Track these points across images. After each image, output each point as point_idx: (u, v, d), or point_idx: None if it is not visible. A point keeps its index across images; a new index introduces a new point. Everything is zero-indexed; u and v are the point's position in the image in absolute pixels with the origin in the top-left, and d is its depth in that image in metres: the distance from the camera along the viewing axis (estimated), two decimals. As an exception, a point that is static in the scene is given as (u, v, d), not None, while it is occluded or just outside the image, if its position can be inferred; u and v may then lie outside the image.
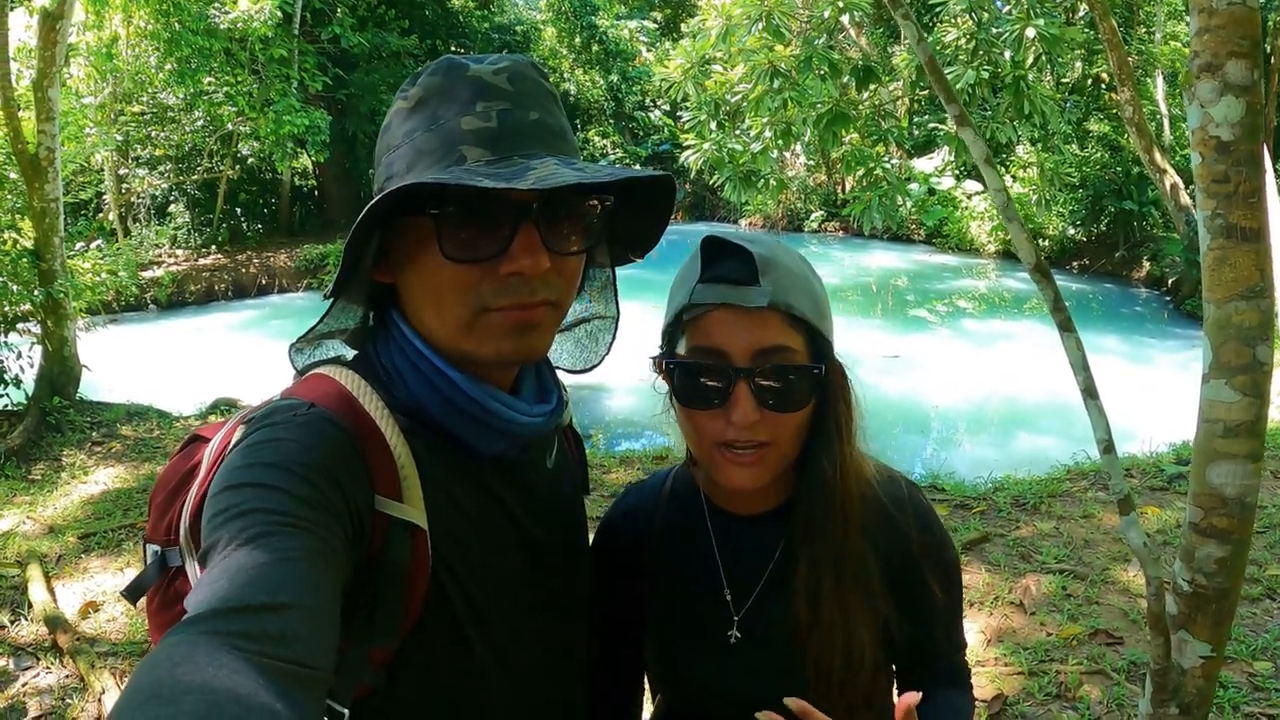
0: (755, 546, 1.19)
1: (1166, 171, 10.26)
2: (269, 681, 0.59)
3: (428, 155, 0.91)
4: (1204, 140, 1.57)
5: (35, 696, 3.55)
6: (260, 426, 0.86)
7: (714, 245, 1.08)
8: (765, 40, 8.67)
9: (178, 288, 14.99)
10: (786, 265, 1.07)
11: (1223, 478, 1.60)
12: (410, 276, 0.95)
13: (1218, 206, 1.56)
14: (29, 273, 7.11)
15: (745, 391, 1.03)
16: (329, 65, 17.11)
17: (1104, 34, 9.21)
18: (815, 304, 1.08)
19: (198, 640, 0.60)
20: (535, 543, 1.04)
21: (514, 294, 0.91)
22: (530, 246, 0.89)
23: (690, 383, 1.07)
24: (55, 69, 7.09)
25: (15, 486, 5.90)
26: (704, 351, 1.05)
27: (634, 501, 1.30)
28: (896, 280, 17.34)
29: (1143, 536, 1.89)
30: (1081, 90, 16.29)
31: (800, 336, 1.06)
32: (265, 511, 0.74)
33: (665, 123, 23.89)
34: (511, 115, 0.92)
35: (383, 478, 0.88)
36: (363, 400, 0.92)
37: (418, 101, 0.94)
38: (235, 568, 0.68)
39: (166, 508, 0.99)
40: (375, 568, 0.86)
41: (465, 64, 0.95)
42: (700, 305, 1.06)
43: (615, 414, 9.41)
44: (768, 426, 1.05)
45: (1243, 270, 1.53)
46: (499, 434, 0.98)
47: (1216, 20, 1.54)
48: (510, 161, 0.89)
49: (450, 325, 0.93)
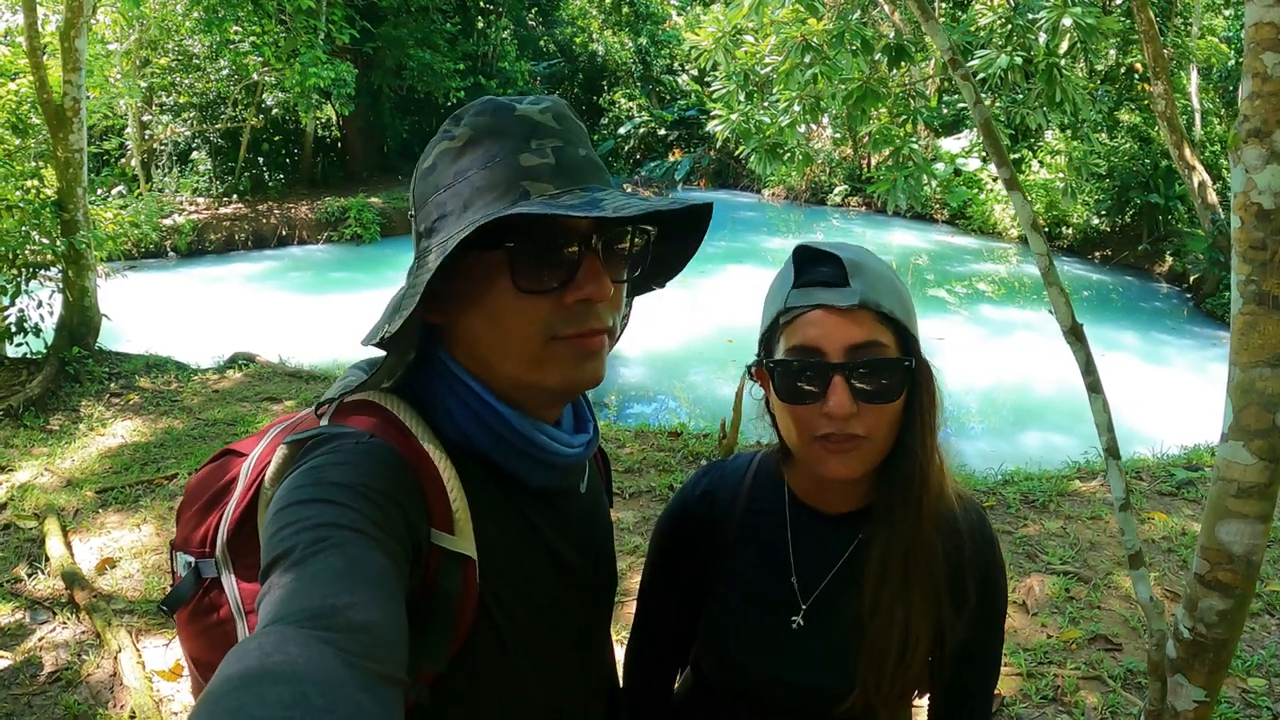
0: (830, 542, 1.25)
1: (1195, 168, 10.13)
2: (355, 675, 0.61)
3: (488, 192, 0.92)
4: (1245, 205, 1.58)
5: (51, 651, 3.63)
6: (323, 451, 0.87)
7: (806, 253, 1.16)
8: (799, 13, 8.57)
9: (198, 236, 15.01)
10: (874, 268, 1.14)
11: (1232, 535, 1.63)
12: (470, 312, 0.96)
13: (1253, 272, 1.57)
14: (51, 222, 7.14)
15: (841, 385, 1.09)
16: (356, 18, 16.96)
17: (1141, 25, 9.05)
18: (902, 303, 1.15)
19: (287, 633, 0.63)
20: (570, 568, 1.07)
21: (581, 321, 0.94)
22: (595, 274, 0.93)
23: (789, 380, 1.13)
24: (83, 19, 7.07)
25: (34, 437, 5.99)
26: (801, 350, 1.12)
27: (715, 483, 1.35)
28: (917, 259, 17.21)
29: (1150, 590, 1.92)
30: (1114, 79, 16.02)
31: (890, 333, 1.13)
32: (338, 525, 0.76)
33: (693, 88, 23.64)
34: (565, 152, 0.95)
35: (437, 510, 0.91)
36: (416, 433, 0.94)
37: (467, 141, 0.95)
38: (314, 574, 0.70)
39: (200, 519, 1.01)
40: (427, 595, 0.89)
41: (511, 104, 0.96)
42: (796, 308, 1.14)
43: (627, 382, 9.45)
44: (863, 419, 1.11)
45: (1271, 338, 1.54)
46: (545, 466, 1.01)
47: (1269, 86, 1.53)
48: (572, 194, 0.91)
49: (517, 358, 0.95)
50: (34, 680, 3.47)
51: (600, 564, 1.15)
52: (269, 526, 0.79)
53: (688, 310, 11.53)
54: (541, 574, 1.03)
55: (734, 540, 1.30)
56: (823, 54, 8.60)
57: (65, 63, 7.08)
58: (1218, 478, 1.65)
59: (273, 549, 0.75)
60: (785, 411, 1.16)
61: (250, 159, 18.00)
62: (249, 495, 0.95)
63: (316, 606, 0.66)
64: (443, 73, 18.33)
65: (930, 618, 1.18)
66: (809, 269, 1.15)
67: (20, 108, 7.29)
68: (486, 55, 21.02)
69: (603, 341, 0.98)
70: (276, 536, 0.76)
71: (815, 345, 1.11)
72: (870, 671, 1.17)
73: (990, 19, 8.49)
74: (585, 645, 1.13)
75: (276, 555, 0.74)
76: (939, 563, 1.19)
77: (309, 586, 0.68)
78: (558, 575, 1.06)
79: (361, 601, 0.68)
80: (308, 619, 0.65)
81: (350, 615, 0.66)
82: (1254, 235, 1.56)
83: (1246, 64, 1.56)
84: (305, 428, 0.95)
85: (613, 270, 0.97)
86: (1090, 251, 15.96)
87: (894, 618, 1.16)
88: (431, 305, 0.96)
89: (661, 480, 5.33)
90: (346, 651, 0.63)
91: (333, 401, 0.99)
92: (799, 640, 1.24)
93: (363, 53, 17.96)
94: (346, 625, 0.65)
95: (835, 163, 21.52)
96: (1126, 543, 1.98)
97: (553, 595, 1.05)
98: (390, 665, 0.66)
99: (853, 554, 1.23)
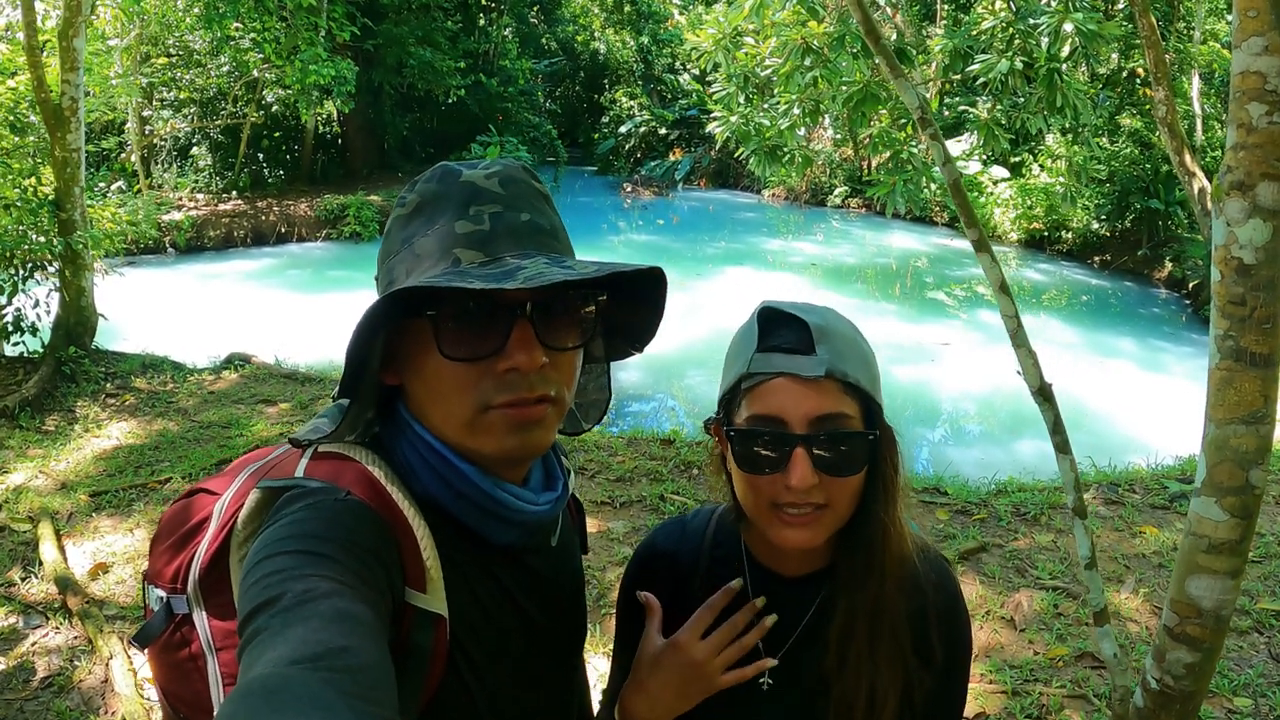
0: (792, 603, 1.23)
1: (1195, 174, 10.08)
2: (358, 716, 0.62)
3: (425, 259, 0.95)
4: (1225, 259, 1.56)
5: (43, 657, 3.64)
6: (302, 504, 0.88)
7: (771, 314, 1.14)
8: (799, 15, 8.56)
9: (196, 232, 14.99)
10: (841, 332, 1.13)
11: (1201, 590, 1.62)
12: (413, 376, 0.99)
13: (1230, 328, 1.56)
14: (49, 221, 7.15)
15: (803, 457, 1.08)
16: (357, 15, 16.94)
17: (1143, 30, 9.01)
18: (868, 370, 1.13)
19: (290, 673, 0.64)
20: (537, 627, 1.08)
21: (513, 389, 0.94)
22: (525, 343, 0.93)
23: (749, 449, 1.11)
24: (80, 18, 7.06)
25: (29, 438, 5.99)
26: (763, 419, 1.10)
27: (674, 545, 1.34)
28: (916, 261, 17.22)
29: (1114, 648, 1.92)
30: (1116, 84, 16.00)
31: (855, 403, 1.11)
32: (325, 576, 0.77)
33: (694, 87, 23.61)
34: (503, 218, 0.96)
35: (411, 568, 0.91)
36: (391, 491, 0.95)
37: (415, 208, 0.98)
38: (307, 618, 0.71)
39: (172, 556, 1.01)
40: (400, 651, 0.90)
41: (459, 170, 0.99)
42: (758, 375, 1.11)
43: (624, 386, 9.44)
44: (824, 490, 1.09)
45: (1246, 395, 1.53)
46: (509, 524, 1.01)
47: (1254, 138, 1.51)
48: (502, 263, 0.92)
49: (454, 423, 0.96)
50: (26, 685, 3.48)
51: (568, 618, 1.16)
52: (251, 573, 0.79)
53: (687, 313, 11.53)
54: (509, 631, 1.04)
55: (697, 597, 1.28)
56: (823, 56, 8.58)
57: (63, 62, 7.08)
58: (1189, 533, 1.65)
59: (258, 595, 0.75)
60: (743, 479, 1.14)
61: (250, 155, 17.99)
62: (222, 536, 0.95)
63: (313, 650, 0.67)
64: (444, 70, 18.31)
65: (897, 675, 1.17)
66: (774, 333, 1.13)
67: (18, 106, 7.29)
68: (488, 53, 21.00)
69: (543, 411, 0.97)
70: (261, 583, 0.77)
71: (778, 415, 1.09)
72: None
73: (991, 23, 8.48)
74: (556, 700, 1.15)
75: (263, 601, 0.74)
76: (903, 624, 1.18)
77: (305, 631, 0.69)
78: (525, 631, 1.07)
79: (355, 647, 0.69)
80: (307, 661, 0.66)
81: (347, 659, 0.67)
82: (1233, 290, 1.54)
83: (1232, 113, 1.55)
84: (280, 474, 0.97)
85: (556, 337, 0.97)
86: (1089, 256, 15.96)
87: (860, 678, 1.16)
88: (388, 366, 0.99)
89: (653, 489, 5.32)
90: (348, 693, 0.64)
91: (304, 446, 1.00)
92: (767, 701, 1.23)
93: (363, 50, 17.95)
94: (345, 668, 0.66)
95: (835, 164, 21.51)
96: (1092, 600, 1.98)
97: (520, 651, 1.06)
98: (387, 707, 0.67)
99: (816, 613, 1.22)
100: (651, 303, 1.09)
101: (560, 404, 1.00)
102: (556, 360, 0.97)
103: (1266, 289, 1.53)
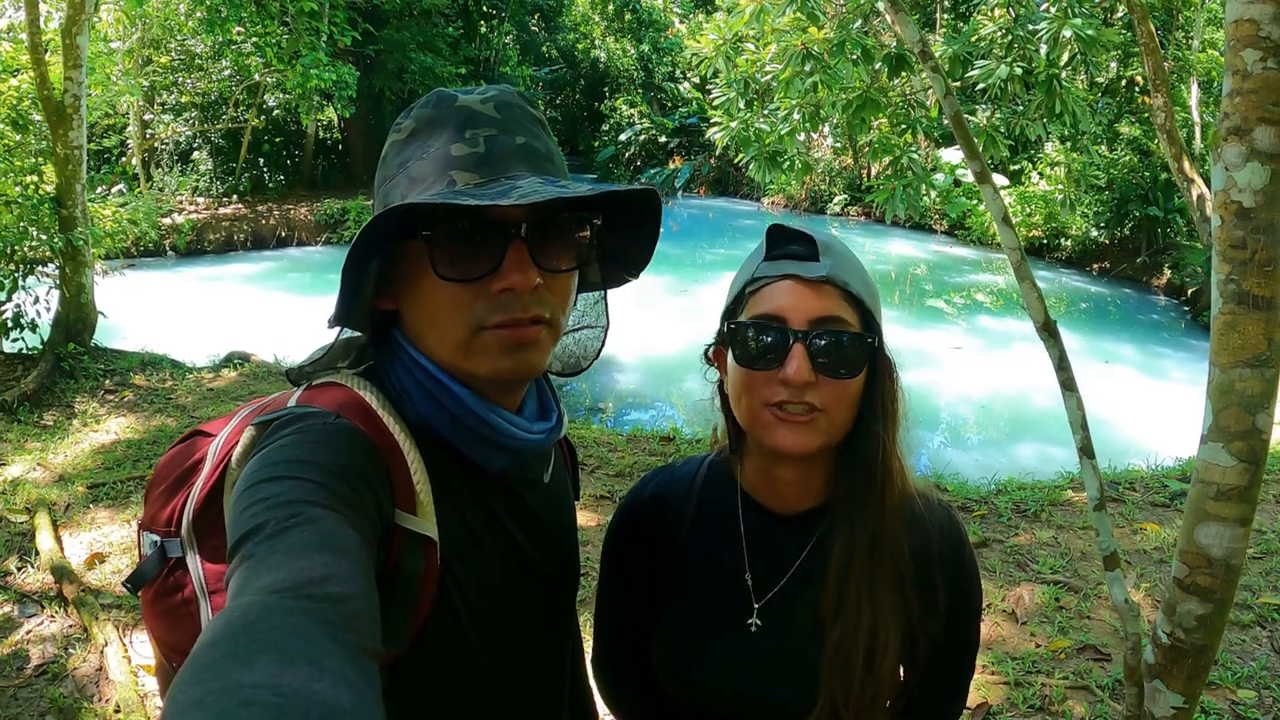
0: (785, 543, 1.21)
1: (1194, 181, 10.12)
2: (338, 647, 0.61)
3: (421, 182, 0.95)
4: (1225, 204, 1.56)
5: (38, 645, 3.63)
6: (291, 429, 0.88)
7: (779, 231, 1.17)
8: (800, 21, 8.58)
9: (197, 236, 15.03)
10: (844, 252, 1.16)
11: (1211, 539, 1.61)
12: (409, 300, 0.98)
13: (1232, 271, 1.56)
14: (49, 218, 7.15)
15: (801, 352, 1.08)
16: (359, 20, 17.00)
17: (1141, 38, 9.06)
18: (868, 288, 1.15)
19: (270, 603, 0.62)
20: (529, 559, 1.07)
21: (507, 310, 0.94)
22: (520, 263, 0.93)
23: (749, 345, 1.12)
24: (84, 16, 7.08)
25: (27, 432, 5.98)
26: (765, 317, 1.11)
27: (664, 487, 1.31)
28: (916, 269, 17.24)
29: (1125, 593, 1.91)
30: (1115, 92, 16.06)
31: (854, 312, 1.12)
32: (310, 502, 0.76)
33: (694, 95, 23.69)
34: (498, 140, 0.95)
35: (401, 491, 0.91)
36: (382, 415, 0.94)
37: (410, 133, 0.98)
38: (289, 547, 0.70)
39: (167, 499, 1.00)
40: (389, 576, 0.89)
41: (454, 95, 0.99)
42: (763, 278, 1.14)
43: (624, 388, 9.44)
44: (820, 391, 1.09)
45: (1251, 338, 1.53)
46: (502, 450, 1.01)
47: (1250, 84, 1.52)
48: (497, 183, 0.92)
49: (449, 345, 0.96)
50: (20, 673, 3.46)
51: (560, 556, 1.14)
52: (237, 503, 0.78)
53: (686, 315, 11.54)
54: (500, 560, 1.03)
55: (686, 544, 1.26)
56: (823, 63, 8.61)
57: (66, 59, 7.10)
58: (1197, 480, 1.64)
59: (243, 524, 0.74)
60: (740, 378, 1.13)
61: (251, 159, 18.04)
62: (215, 475, 0.94)
63: (295, 579, 0.66)
64: (444, 76, 18.37)
65: (899, 619, 1.14)
66: (781, 245, 1.16)
67: (21, 103, 7.30)
68: (488, 60, 21.07)
69: (537, 333, 0.97)
70: (247, 512, 0.76)
71: (779, 314, 1.10)
72: (836, 678, 1.12)
73: (991, 30, 8.51)
74: (548, 643, 1.13)
75: (247, 530, 0.73)
76: (905, 559, 1.15)
77: (286, 559, 0.68)
78: (517, 563, 1.06)
79: (338, 575, 0.68)
80: (288, 590, 0.64)
81: (328, 588, 0.66)
82: (1234, 234, 1.55)
83: (1227, 61, 1.55)
84: (274, 409, 0.96)
85: (551, 259, 0.97)
86: (1089, 263, 15.98)
87: (860, 618, 1.12)
88: (382, 290, 0.99)
89: (654, 484, 5.31)
90: (328, 623, 0.62)
91: (302, 374, 1.01)
92: (757, 646, 1.19)
93: (365, 55, 17.99)
94: (325, 597, 0.65)
95: (835, 172, 21.56)
96: (1101, 544, 1.96)
97: (511, 583, 1.05)
98: (369, 638, 0.66)
99: (810, 553, 1.19)
100: (646, 228, 1.09)
101: (554, 326, 0.99)
102: (551, 282, 0.97)
103: (1266, 232, 1.53)
